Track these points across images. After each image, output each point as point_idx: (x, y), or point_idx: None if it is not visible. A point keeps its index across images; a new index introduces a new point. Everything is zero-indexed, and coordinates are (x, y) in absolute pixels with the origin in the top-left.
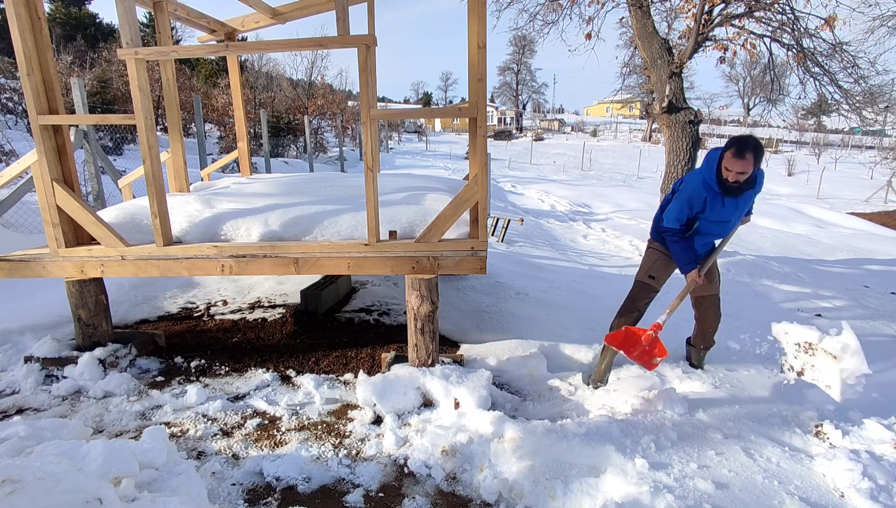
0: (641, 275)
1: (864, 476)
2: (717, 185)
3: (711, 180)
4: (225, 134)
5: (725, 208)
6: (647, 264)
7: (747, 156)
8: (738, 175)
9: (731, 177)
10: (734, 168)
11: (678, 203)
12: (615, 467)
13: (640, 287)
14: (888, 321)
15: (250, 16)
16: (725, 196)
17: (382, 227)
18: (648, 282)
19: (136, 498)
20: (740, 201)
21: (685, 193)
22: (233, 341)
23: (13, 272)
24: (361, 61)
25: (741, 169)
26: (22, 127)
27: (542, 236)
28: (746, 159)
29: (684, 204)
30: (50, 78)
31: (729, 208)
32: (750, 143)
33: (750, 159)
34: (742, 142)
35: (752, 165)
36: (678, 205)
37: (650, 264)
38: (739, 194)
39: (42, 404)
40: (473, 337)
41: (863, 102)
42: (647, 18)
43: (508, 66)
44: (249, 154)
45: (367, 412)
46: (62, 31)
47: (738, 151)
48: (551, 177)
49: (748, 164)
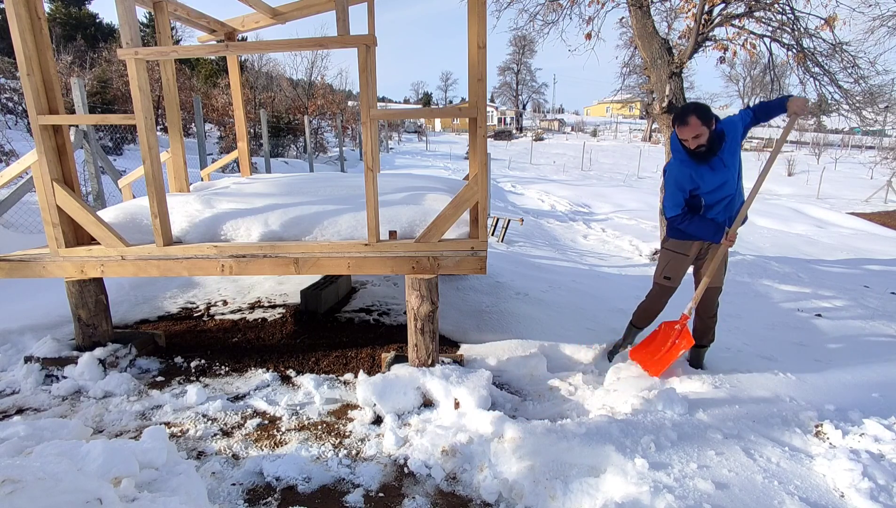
0: (657, 277)
1: (864, 476)
2: (689, 157)
3: (683, 157)
4: (225, 134)
5: (715, 171)
6: (662, 265)
7: (689, 120)
8: (695, 140)
9: (691, 144)
10: (686, 136)
11: (668, 190)
12: (615, 467)
13: (658, 289)
14: (888, 321)
15: (250, 16)
16: (704, 163)
17: (382, 227)
18: (664, 283)
19: (136, 498)
20: (724, 157)
21: (670, 179)
22: (233, 341)
23: (13, 272)
24: (361, 61)
25: (693, 133)
26: (22, 127)
27: (542, 236)
28: (690, 124)
29: (674, 188)
30: (50, 78)
31: (718, 169)
32: (688, 108)
33: (693, 122)
34: (682, 110)
35: (702, 125)
36: (669, 192)
37: (664, 266)
38: (716, 154)
39: (42, 404)
40: (473, 337)
41: (863, 102)
42: (647, 18)
43: (508, 66)
44: (249, 154)
45: (367, 412)
46: (62, 31)
47: (681, 120)
48: (551, 177)
49: (695, 126)
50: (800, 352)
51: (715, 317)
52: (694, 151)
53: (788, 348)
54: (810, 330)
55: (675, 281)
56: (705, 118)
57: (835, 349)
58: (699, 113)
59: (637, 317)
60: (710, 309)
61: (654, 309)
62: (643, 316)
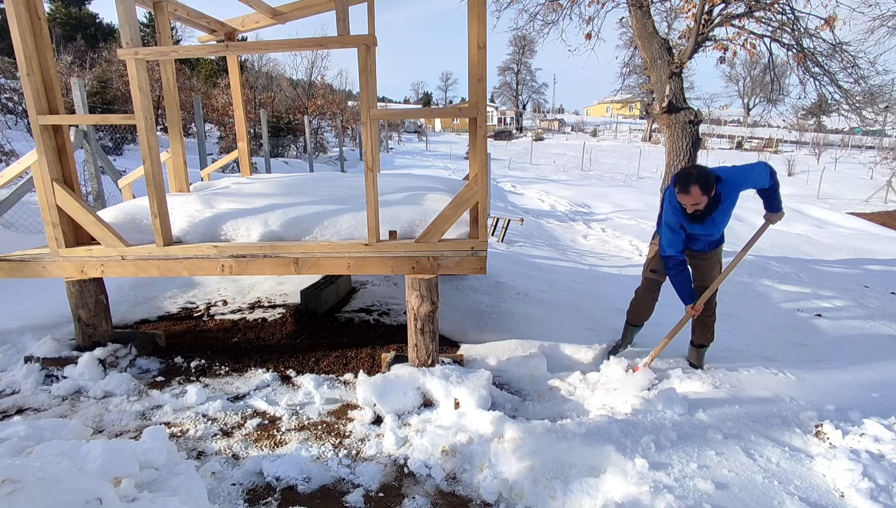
0: (644, 270)
1: (864, 476)
2: (683, 216)
3: (677, 214)
4: (225, 134)
5: (704, 225)
6: (650, 258)
7: (692, 190)
8: (693, 206)
9: (689, 209)
10: (685, 202)
11: (664, 232)
12: (615, 467)
13: (645, 282)
14: (888, 321)
15: (250, 16)
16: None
17: (382, 227)
18: (651, 276)
19: (136, 498)
20: (716, 217)
21: (665, 222)
22: (233, 341)
23: (13, 272)
24: (361, 61)
25: (692, 202)
26: (22, 127)
27: (542, 236)
28: (691, 193)
29: (670, 232)
30: (50, 78)
31: (706, 225)
32: (692, 176)
33: (695, 192)
34: (684, 177)
35: (702, 195)
36: (665, 233)
37: (651, 258)
38: (708, 216)
39: (42, 404)
40: (473, 337)
41: (863, 102)
42: (647, 18)
43: (508, 66)
44: (249, 154)
45: (367, 412)
46: (62, 31)
47: (682, 187)
48: (551, 177)
49: (695, 196)
50: (800, 352)
51: (714, 316)
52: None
53: (788, 348)
54: (810, 330)
55: (661, 275)
56: (706, 188)
57: (835, 349)
58: (701, 183)
59: (630, 314)
60: (708, 309)
61: (644, 303)
62: (635, 312)
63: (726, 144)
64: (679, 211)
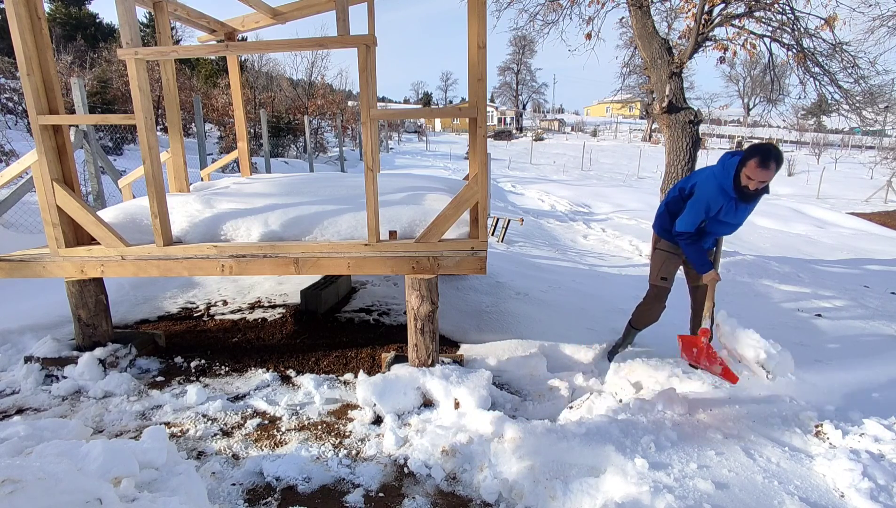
0: (654, 278)
1: (864, 476)
2: (735, 191)
3: (728, 187)
4: (225, 134)
5: (738, 212)
6: (657, 265)
7: (771, 166)
8: (760, 183)
9: (753, 186)
10: (757, 177)
11: (695, 209)
12: (615, 467)
13: (656, 291)
14: (888, 321)
15: (250, 16)
16: (741, 202)
17: (382, 227)
18: (661, 284)
19: (136, 498)
20: (752, 204)
21: (702, 199)
22: (233, 341)
23: (13, 272)
24: (361, 61)
25: (764, 178)
26: (22, 127)
27: (542, 236)
28: (770, 169)
29: (701, 210)
30: (50, 78)
31: (741, 212)
32: (773, 152)
33: (773, 169)
34: (766, 151)
35: (774, 174)
36: (695, 210)
37: (660, 266)
38: (754, 199)
39: (42, 404)
40: (473, 337)
41: (863, 102)
42: (647, 18)
43: (508, 66)
44: (249, 154)
45: (367, 412)
46: (62, 31)
47: (763, 161)
48: (551, 177)
49: (771, 173)
50: (800, 352)
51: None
52: (746, 189)
53: (788, 348)
54: (810, 330)
55: (670, 281)
56: (778, 169)
57: (835, 349)
58: (778, 162)
59: (636, 319)
60: None
61: (653, 311)
62: (642, 318)
63: (726, 145)
64: (730, 190)
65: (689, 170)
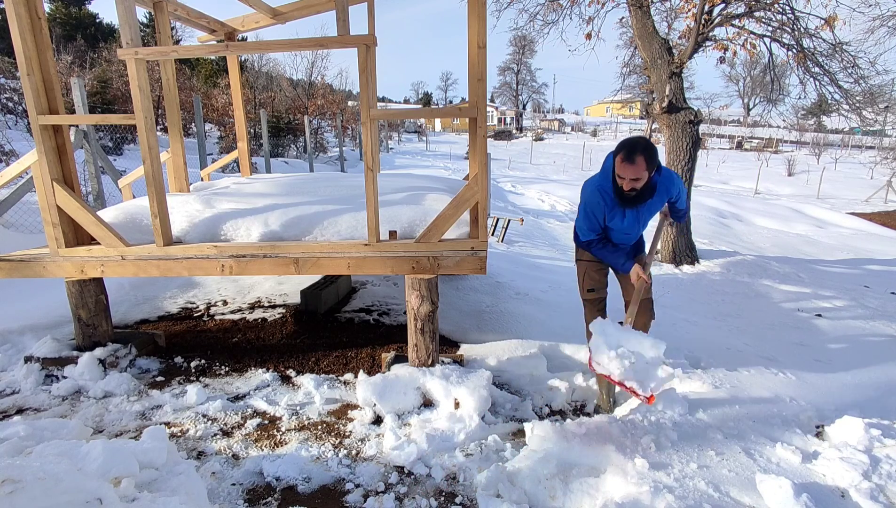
0: (582, 293)
1: (864, 476)
2: (614, 193)
3: (607, 189)
4: (225, 134)
5: (626, 218)
6: (580, 279)
7: (637, 160)
8: (632, 182)
9: (626, 185)
10: (626, 174)
11: (582, 215)
12: (615, 467)
13: (587, 305)
14: (888, 321)
15: (250, 16)
16: (624, 207)
17: (382, 227)
18: (590, 296)
19: (136, 498)
20: (642, 210)
21: (582, 203)
22: (233, 341)
23: (13, 272)
24: (361, 61)
25: (633, 175)
26: (22, 127)
27: (542, 236)
28: (637, 164)
29: (588, 214)
30: (50, 78)
31: (629, 218)
32: (639, 144)
33: (641, 163)
34: (631, 145)
35: (646, 170)
36: (583, 217)
37: (583, 279)
38: (639, 204)
39: (42, 404)
40: (473, 337)
41: (863, 102)
42: (647, 18)
43: (508, 66)
44: (249, 154)
45: (367, 412)
46: (62, 31)
47: (628, 155)
48: (551, 177)
49: (639, 168)
50: (800, 352)
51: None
52: (622, 190)
53: (788, 348)
54: (810, 330)
55: (600, 291)
56: (651, 163)
57: (835, 349)
58: (647, 155)
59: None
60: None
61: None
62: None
63: (726, 144)
64: (607, 194)
65: (690, 170)
